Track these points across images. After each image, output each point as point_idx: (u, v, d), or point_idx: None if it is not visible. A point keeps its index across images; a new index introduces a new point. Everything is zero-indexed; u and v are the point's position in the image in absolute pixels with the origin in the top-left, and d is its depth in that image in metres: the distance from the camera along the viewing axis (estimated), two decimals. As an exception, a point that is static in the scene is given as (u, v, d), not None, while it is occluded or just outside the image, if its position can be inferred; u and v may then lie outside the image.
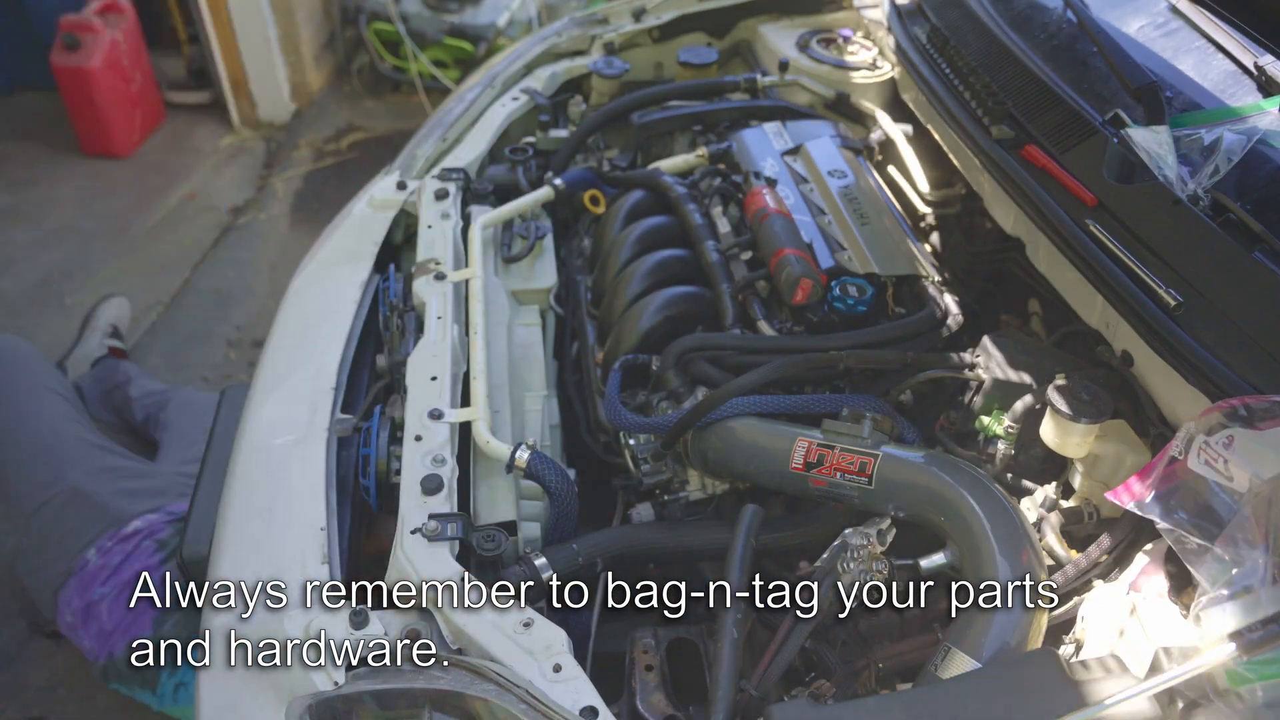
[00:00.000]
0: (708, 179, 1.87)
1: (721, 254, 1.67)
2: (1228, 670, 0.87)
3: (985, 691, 0.98)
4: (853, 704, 1.00)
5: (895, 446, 1.27)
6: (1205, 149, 1.37)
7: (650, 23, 2.39)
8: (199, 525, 1.42)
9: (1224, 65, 1.56)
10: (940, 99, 1.72)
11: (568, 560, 1.28)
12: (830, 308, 1.54)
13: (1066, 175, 1.45)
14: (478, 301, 1.63)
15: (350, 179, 4.22)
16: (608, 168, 2.00)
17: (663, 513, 1.47)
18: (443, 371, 1.46)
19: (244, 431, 1.48)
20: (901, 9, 2.04)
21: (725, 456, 1.37)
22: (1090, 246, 1.33)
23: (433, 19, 4.66)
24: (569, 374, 1.81)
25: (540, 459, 1.35)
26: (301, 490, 1.34)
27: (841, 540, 1.17)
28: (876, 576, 1.15)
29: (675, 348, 1.49)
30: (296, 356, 1.59)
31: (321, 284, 1.75)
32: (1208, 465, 1.03)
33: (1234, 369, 1.13)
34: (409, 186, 1.91)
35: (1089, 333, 1.41)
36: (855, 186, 1.79)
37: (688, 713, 1.17)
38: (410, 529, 1.21)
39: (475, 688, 1.01)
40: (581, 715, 1.01)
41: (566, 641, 1.08)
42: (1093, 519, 1.28)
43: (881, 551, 1.17)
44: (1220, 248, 1.24)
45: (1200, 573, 0.97)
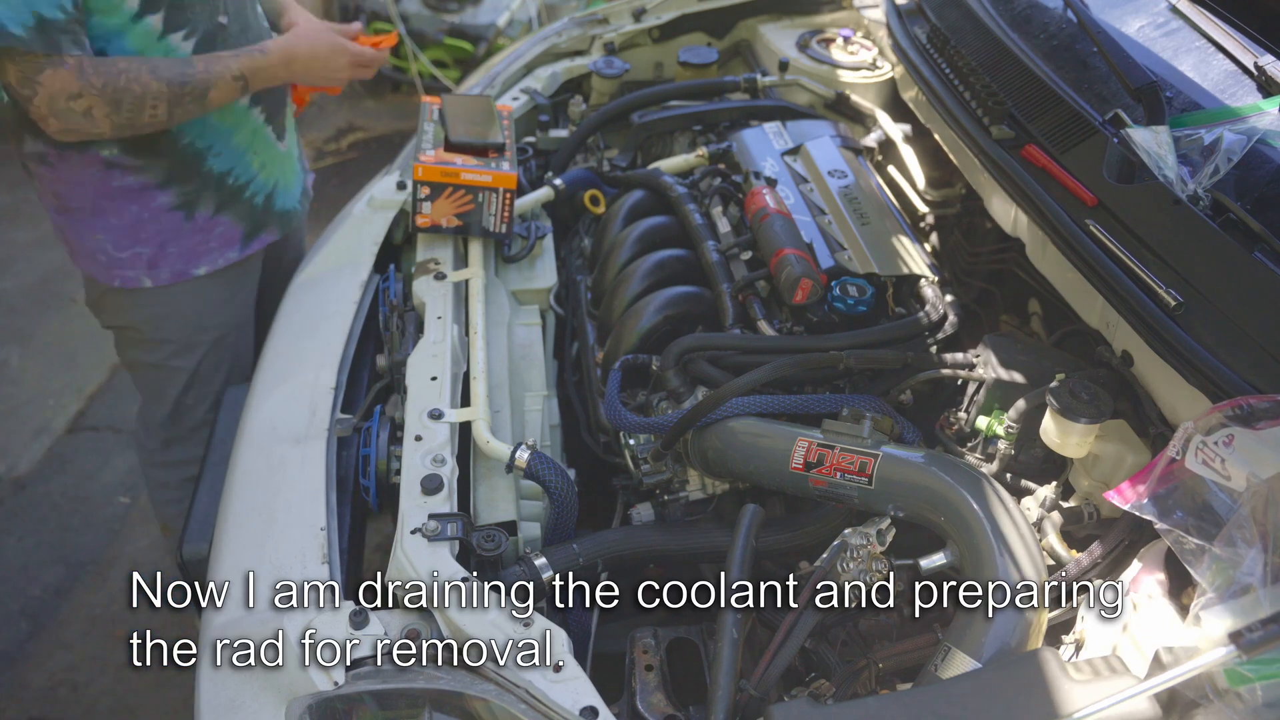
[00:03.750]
0: (708, 179, 1.87)
1: (721, 254, 1.67)
2: (1228, 670, 0.87)
3: (985, 691, 0.98)
4: (853, 704, 1.00)
5: (895, 446, 1.27)
6: (1205, 149, 1.37)
7: (650, 23, 2.39)
8: (199, 525, 1.42)
9: (1224, 65, 1.56)
10: (940, 99, 1.72)
11: (568, 560, 1.28)
12: (830, 308, 1.54)
13: (1066, 175, 1.45)
14: (478, 301, 1.63)
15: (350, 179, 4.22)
16: (608, 168, 2.00)
17: (663, 513, 1.47)
18: (443, 371, 1.46)
19: (244, 431, 1.48)
20: (901, 9, 2.04)
21: (725, 456, 1.37)
22: (1090, 246, 1.33)
23: (433, 19, 4.66)
24: (569, 374, 1.81)
25: (540, 459, 1.35)
26: (301, 490, 1.34)
27: (841, 540, 1.18)
28: (876, 576, 1.15)
29: (675, 348, 1.49)
30: (296, 356, 1.59)
31: (321, 284, 1.75)
32: (1205, 465, 1.03)
33: (1234, 369, 1.13)
34: (409, 186, 1.91)
35: (1089, 333, 1.41)
36: (855, 186, 1.79)
37: (688, 713, 1.17)
38: (410, 529, 1.21)
39: (475, 688, 1.01)
40: (581, 715, 1.01)
41: (566, 641, 1.08)
42: (1093, 519, 1.28)
43: (881, 551, 1.17)
44: (1220, 248, 1.24)
45: (1199, 572, 0.97)
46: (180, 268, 1.92)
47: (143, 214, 1.83)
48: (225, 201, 1.92)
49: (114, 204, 1.81)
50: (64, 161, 1.75)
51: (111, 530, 2.82)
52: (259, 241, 2.03)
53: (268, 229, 2.04)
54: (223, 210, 1.92)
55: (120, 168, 1.77)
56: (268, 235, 2.04)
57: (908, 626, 1.28)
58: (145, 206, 1.83)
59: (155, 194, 1.83)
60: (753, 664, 1.15)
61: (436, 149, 1.73)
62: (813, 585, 1.15)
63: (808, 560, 1.28)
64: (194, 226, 1.90)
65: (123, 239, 1.84)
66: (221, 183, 1.90)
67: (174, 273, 1.91)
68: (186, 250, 1.91)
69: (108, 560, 2.75)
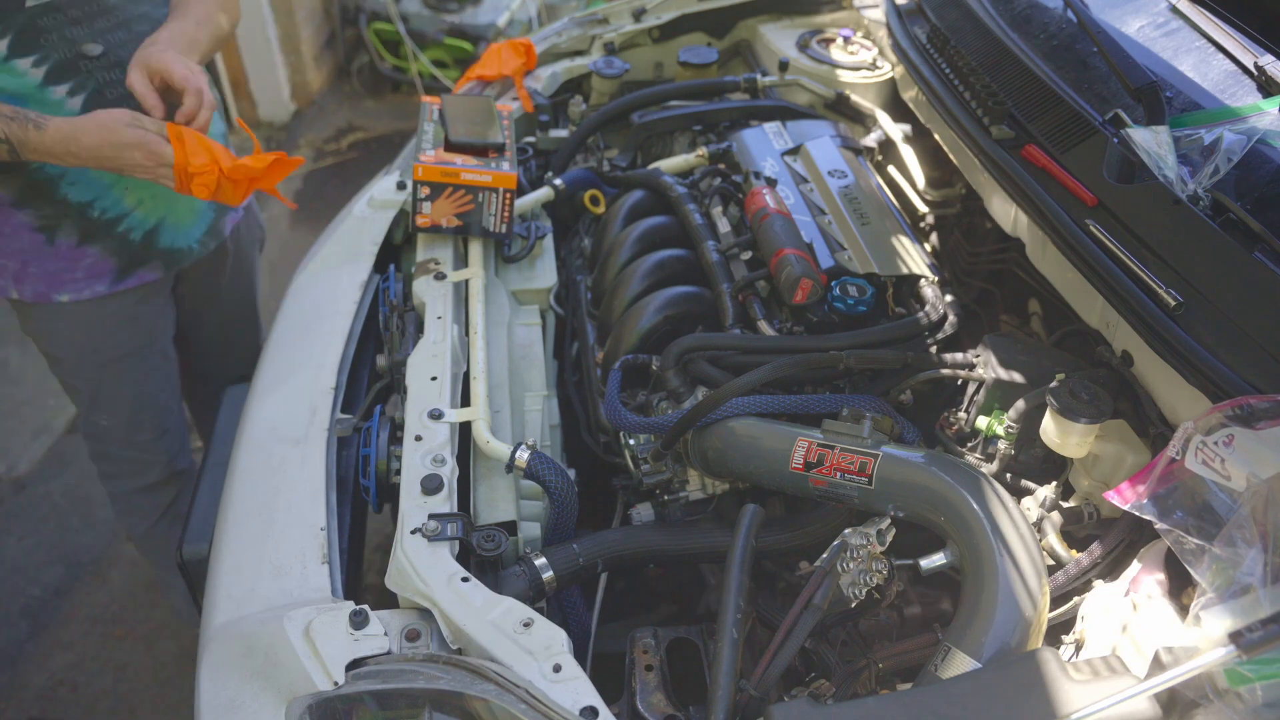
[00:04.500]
0: (708, 179, 1.87)
1: (721, 254, 1.67)
2: (1228, 670, 0.87)
3: (985, 691, 0.98)
4: (853, 704, 1.00)
5: (895, 446, 1.27)
6: (1205, 149, 1.37)
7: (650, 23, 2.39)
8: (199, 525, 1.42)
9: (1224, 65, 1.56)
10: (940, 99, 1.72)
11: (568, 560, 1.29)
12: (830, 308, 1.54)
13: (1066, 175, 1.45)
14: (478, 301, 1.63)
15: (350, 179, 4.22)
16: (608, 168, 2.00)
17: (663, 513, 1.47)
18: (443, 371, 1.46)
19: (244, 431, 1.48)
20: (901, 9, 2.04)
21: (725, 456, 1.37)
22: (1090, 246, 1.33)
23: (433, 19, 4.66)
24: (569, 374, 1.81)
25: (540, 459, 1.35)
26: (301, 490, 1.34)
27: (841, 540, 1.18)
28: (876, 576, 1.16)
29: (675, 348, 1.49)
30: (296, 356, 1.59)
31: (321, 284, 1.75)
32: (1205, 465, 1.03)
33: (1234, 369, 1.14)
34: (409, 186, 1.91)
35: (1089, 333, 1.41)
36: (855, 186, 1.79)
37: (688, 713, 1.17)
38: (410, 529, 1.21)
39: (475, 688, 1.01)
40: (581, 715, 1.01)
41: (566, 641, 1.08)
42: (1093, 519, 1.28)
43: (881, 551, 1.17)
44: (1220, 248, 1.24)
45: (1199, 572, 0.97)
46: (42, 289, 1.82)
47: (4, 227, 1.75)
48: (92, 233, 1.80)
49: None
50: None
51: (111, 530, 2.82)
52: (135, 278, 1.88)
53: (147, 266, 1.89)
54: (89, 241, 1.80)
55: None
56: (147, 273, 1.89)
57: (908, 626, 1.28)
58: (5, 220, 1.74)
59: (12, 212, 1.73)
60: (753, 664, 1.15)
61: (436, 149, 1.73)
62: (813, 585, 1.15)
63: (808, 560, 1.28)
64: (56, 252, 1.79)
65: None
66: (84, 213, 1.77)
67: (36, 293, 1.83)
68: (48, 273, 1.81)
69: (108, 560, 2.75)
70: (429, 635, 1.12)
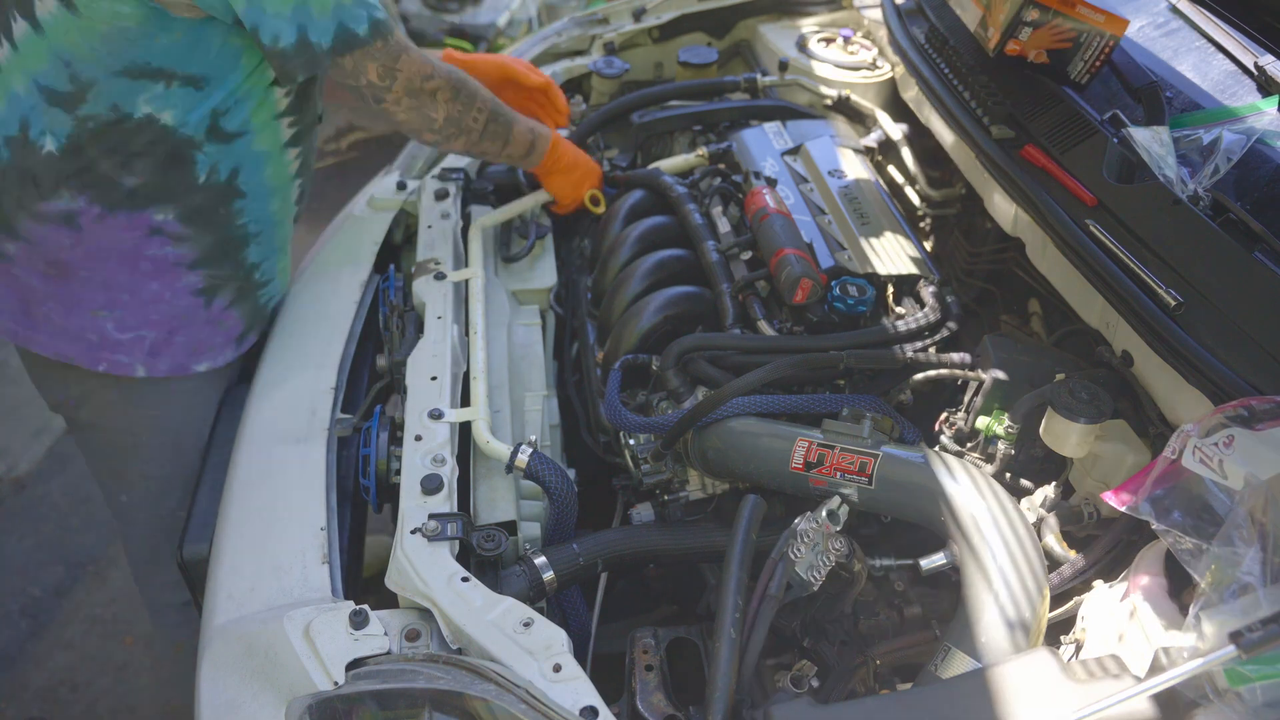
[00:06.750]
0: (708, 179, 1.87)
1: (721, 254, 1.67)
2: (1228, 670, 0.87)
3: (985, 691, 0.98)
4: (853, 704, 1.00)
5: (895, 446, 1.27)
6: (1205, 149, 1.37)
7: (650, 23, 2.38)
8: (199, 525, 1.42)
9: (1224, 65, 1.56)
10: (940, 99, 1.72)
11: (568, 560, 1.29)
12: (830, 308, 1.54)
13: (1066, 175, 1.45)
14: (478, 301, 1.63)
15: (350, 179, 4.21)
16: (608, 168, 2.00)
17: (663, 513, 1.46)
18: (443, 371, 1.46)
19: (244, 431, 1.48)
20: (901, 9, 2.04)
21: (725, 456, 1.37)
22: (1090, 246, 1.33)
23: (433, 19, 4.65)
24: (569, 374, 1.81)
25: (540, 459, 1.35)
26: (301, 490, 1.34)
27: (790, 528, 1.17)
28: (834, 555, 1.15)
29: (675, 348, 1.49)
30: (297, 356, 1.59)
31: (321, 284, 1.75)
32: (1203, 464, 1.03)
33: (1234, 369, 1.14)
34: (409, 186, 1.91)
35: (1089, 333, 1.41)
36: (855, 186, 1.79)
37: (688, 713, 1.17)
38: (410, 529, 1.21)
39: (475, 688, 1.01)
40: (581, 715, 1.01)
41: (566, 641, 1.08)
42: (1093, 519, 1.28)
43: (837, 530, 1.17)
44: (1220, 248, 1.24)
45: (1198, 573, 0.98)
46: (181, 360, 1.64)
47: (163, 293, 1.57)
48: (243, 293, 1.67)
49: (133, 278, 1.55)
50: (102, 224, 1.48)
51: (111, 530, 2.82)
52: (247, 343, 1.73)
53: (255, 330, 1.74)
54: (237, 303, 1.67)
55: (163, 235, 1.52)
56: (253, 337, 1.74)
57: (908, 626, 1.28)
58: (169, 285, 1.57)
59: (184, 273, 1.57)
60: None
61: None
62: (765, 575, 1.14)
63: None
64: (208, 316, 1.64)
65: (129, 318, 1.57)
66: (250, 274, 1.66)
67: (173, 365, 1.64)
68: (194, 340, 1.64)
69: (108, 560, 2.75)
70: (429, 635, 1.12)
